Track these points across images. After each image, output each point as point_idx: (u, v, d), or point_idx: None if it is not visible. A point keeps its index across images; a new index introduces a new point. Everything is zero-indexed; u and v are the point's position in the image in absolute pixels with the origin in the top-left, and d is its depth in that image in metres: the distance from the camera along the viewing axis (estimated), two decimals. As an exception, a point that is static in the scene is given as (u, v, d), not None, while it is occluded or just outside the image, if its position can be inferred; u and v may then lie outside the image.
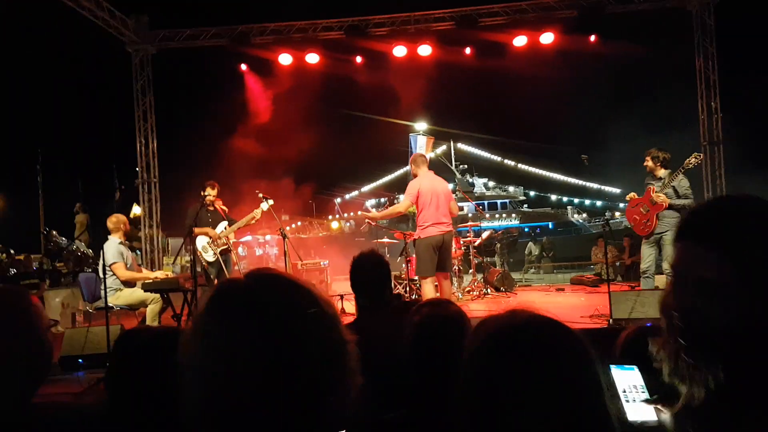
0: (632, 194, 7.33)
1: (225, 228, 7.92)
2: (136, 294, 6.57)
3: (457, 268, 9.75)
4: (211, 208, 7.90)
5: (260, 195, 7.82)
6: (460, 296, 9.47)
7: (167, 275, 7.00)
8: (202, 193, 7.72)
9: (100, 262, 6.30)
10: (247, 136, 15.90)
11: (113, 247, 6.61)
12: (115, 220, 6.83)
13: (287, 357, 0.79)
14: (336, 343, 0.87)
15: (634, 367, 1.85)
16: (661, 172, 6.98)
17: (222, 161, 15.12)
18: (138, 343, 1.61)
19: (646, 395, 1.76)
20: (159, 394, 1.41)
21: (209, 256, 7.75)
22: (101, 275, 6.02)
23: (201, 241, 7.77)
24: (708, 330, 1.02)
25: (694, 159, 6.90)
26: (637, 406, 1.75)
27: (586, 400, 0.87)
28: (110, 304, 6.26)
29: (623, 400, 1.78)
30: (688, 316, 1.06)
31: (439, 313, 1.94)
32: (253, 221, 7.88)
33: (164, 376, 1.39)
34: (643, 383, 1.82)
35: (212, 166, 14.90)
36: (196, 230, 7.48)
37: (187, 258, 11.62)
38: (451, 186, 8.41)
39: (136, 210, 13.19)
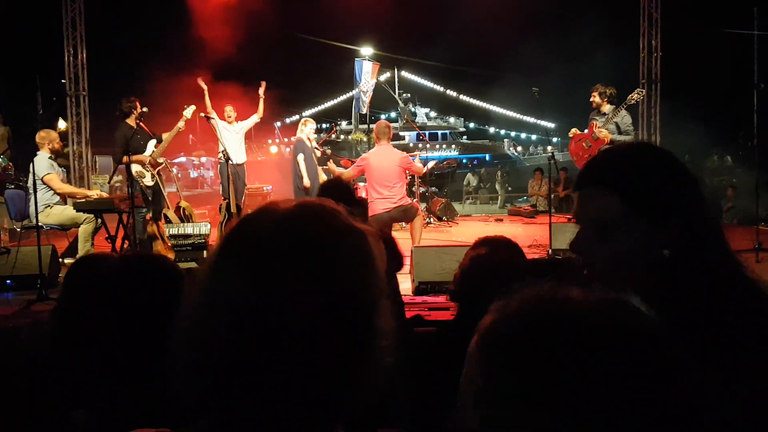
0: (574, 130, 7.43)
1: (155, 147, 7.40)
2: (68, 212, 6.25)
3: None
4: (136, 128, 7.27)
5: (185, 110, 7.56)
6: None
7: (100, 195, 6.66)
8: (134, 112, 7.15)
9: (30, 177, 5.89)
10: (184, 52, 15.11)
11: (44, 160, 6.22)
12: (43, 134, 6.39)
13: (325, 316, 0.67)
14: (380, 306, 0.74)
15: None
16: (606, 108, 7.08)
17: (156, 76, 14.36)
18: (100, 274, 1.43)
19: None
20: (120, 336, 1.27)
21: (148, 180, 7.26)
22: (31, 191, 5.65)
23: (135, 167, 7.18)
24: (604, 266, 1.13)
25: (636, 95, 7.02)
26: None
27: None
28: (40, 223, 5.93)
29: None
30: (588, 255, 1.16)
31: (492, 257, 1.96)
32: (179, 131, 7.49)
33: (127, 314, 1.27)
34: None
35: (145, 80, 14.13)
36: (132, 158, 6.90)
37: (116, 178, 11.16)
38: (394, 115, 8.31)
39: (62, 125, 12.42)
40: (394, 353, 0.75)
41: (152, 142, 7.46)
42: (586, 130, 7.28)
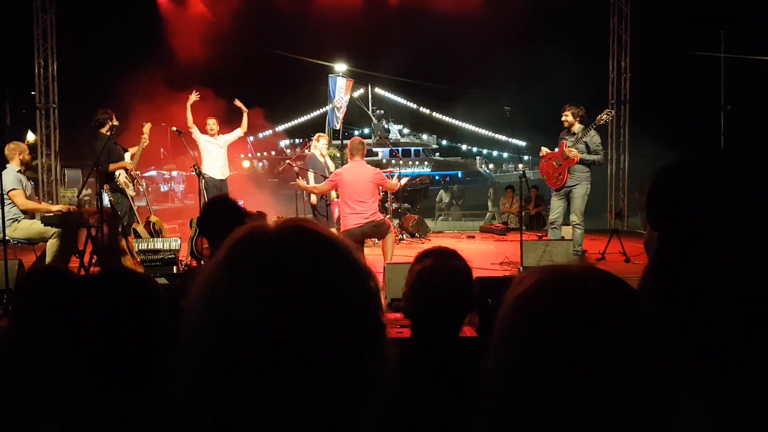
0: (545, 149, 7.56)
1: (130, 158, 7.45)
2: (35, 227, 6.14)
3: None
4: (113, 139, 7.33)
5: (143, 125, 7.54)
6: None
7: (69, 209, 6.57)
8: (109, 123, 7.16)
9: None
10: (156, 66, 15.00)
11: (11, 174, 6.10)
12: (13, 146, 6.29)
13: (305, 335, 0.66)
14: (373, 326, 0.73)
15: None
16: (576, 128, 7.23)
17: (127, 89, 14.22)
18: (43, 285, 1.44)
19: None
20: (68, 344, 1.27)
21: (131, 191, 7.32)
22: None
23: (122, 177, 7.29)
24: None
25: (606, 115, 7.19)
26: None
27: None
28: (7, 237, 5.82)
29: None
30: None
31: (442, 265, 1.94)
32: (144, 144, 7.49)
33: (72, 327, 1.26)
34: None
35: (117, 93, 13.99)
36: (113, 165, 7.12)
37: (85, 192, 10.98)
38: (367, 131, 8.39)
39: (30, 137, 12.22)
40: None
41: (127, 155, 7.46)
42: (556, 149, 7.42)
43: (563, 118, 7.33)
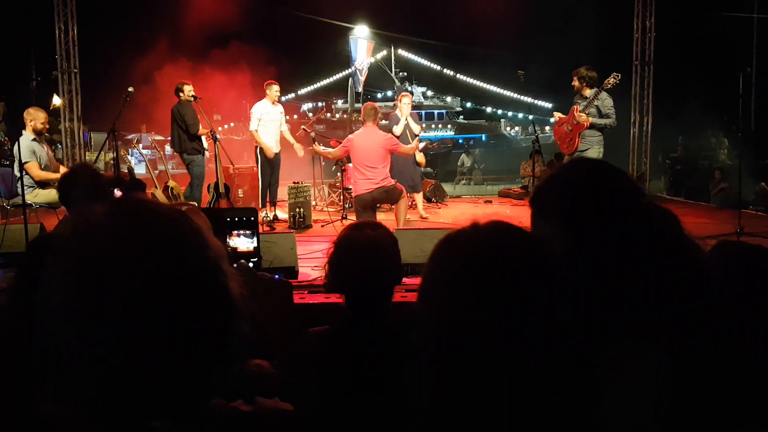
0: (558, 113, 7.48)
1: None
2: (55, 193, 6.31)
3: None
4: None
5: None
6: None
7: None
8: (184, 93, 7.82)
9: (16, 158, 5.95)
10: (177, 30, 15.02)
11: (25, 145, 6.19)
12: (31, 112, 6.40)
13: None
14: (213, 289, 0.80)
15: None
16: (588, 92, 7.13)
17: (148, 53, 14.31)
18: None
19: None
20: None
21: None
22: (17, 172, 5.72)
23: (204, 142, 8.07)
24: None
25: (612, 79, 7.06)
26: None
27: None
28: (29, 202, 6.01)
29: None
30: None
31: (356, 235, 1.87)
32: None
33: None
34: None
35: (138, 56, 14.08)
36: (201, 131, 7.89)
37: (111, 155, 11.19)
38: (390, 93, 8.35)
39: (56, 101, 12.39)
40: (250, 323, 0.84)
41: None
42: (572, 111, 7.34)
43: (572, 83, 7.24)
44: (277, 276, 4.00)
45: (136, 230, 0.78)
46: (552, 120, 8.01)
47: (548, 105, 26.29)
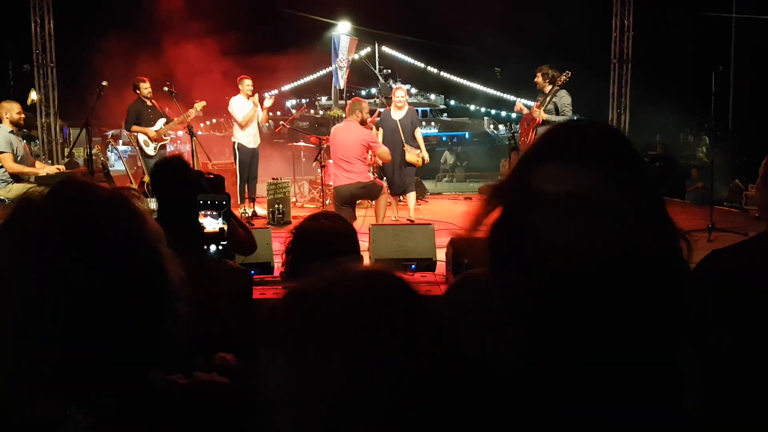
0: (520, 103, 7.70)
1: (163, 125, 8.09)
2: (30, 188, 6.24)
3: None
4: (150, 104, 8.04)
5: (196, 103, 8.38)
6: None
7: (59, 169, 6.65)
8: (140, 90, 7.94)
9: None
10: (156, 24, 14.87)
11: (2, 137, 6.13)
12: (6, 105, 6.30)
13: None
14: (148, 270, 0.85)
15: None
16: (548, 89, 7.27)
17: (128, 48, 14.15)
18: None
19: None
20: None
21: (150, 150, 7.98)
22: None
23: (141, 136, 8.01)
24: None
25: (564, 76, 7.21)
26: None
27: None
28: (1, 198, 5.93)
29: None
30: None
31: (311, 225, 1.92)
32: (188, 118, 8.09)
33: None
34: None
35: (115, 51, 13.91)
36: (136, 128, 7.89)
37: (91, 150, 11.07)
38: (374, 91, 8.36)
39: (33, 96, 12.23)
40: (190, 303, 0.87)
41: (161, 120, 8.13)
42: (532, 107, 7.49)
43: (535, 80, 7.37)
44: (252, 272, 4.01)
45: (73, 212, 0.81)
46: (515, 109, 8.15)
47: (531, 103, 26.44)
